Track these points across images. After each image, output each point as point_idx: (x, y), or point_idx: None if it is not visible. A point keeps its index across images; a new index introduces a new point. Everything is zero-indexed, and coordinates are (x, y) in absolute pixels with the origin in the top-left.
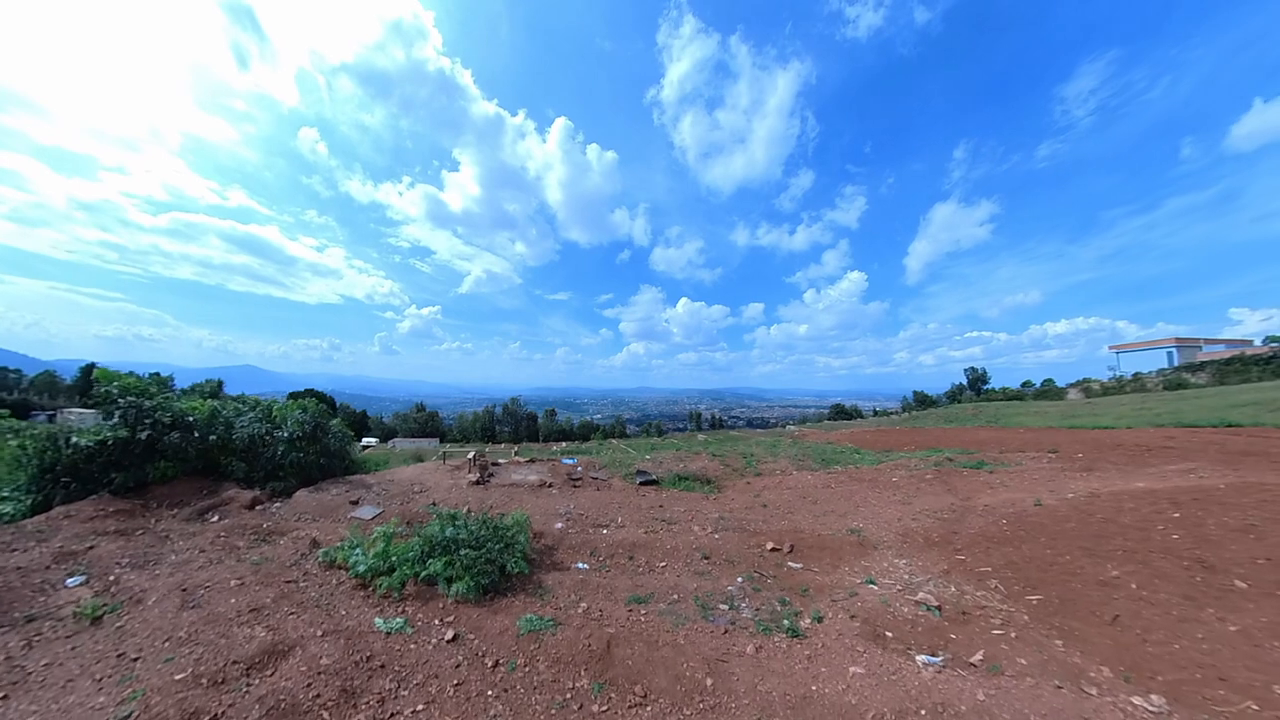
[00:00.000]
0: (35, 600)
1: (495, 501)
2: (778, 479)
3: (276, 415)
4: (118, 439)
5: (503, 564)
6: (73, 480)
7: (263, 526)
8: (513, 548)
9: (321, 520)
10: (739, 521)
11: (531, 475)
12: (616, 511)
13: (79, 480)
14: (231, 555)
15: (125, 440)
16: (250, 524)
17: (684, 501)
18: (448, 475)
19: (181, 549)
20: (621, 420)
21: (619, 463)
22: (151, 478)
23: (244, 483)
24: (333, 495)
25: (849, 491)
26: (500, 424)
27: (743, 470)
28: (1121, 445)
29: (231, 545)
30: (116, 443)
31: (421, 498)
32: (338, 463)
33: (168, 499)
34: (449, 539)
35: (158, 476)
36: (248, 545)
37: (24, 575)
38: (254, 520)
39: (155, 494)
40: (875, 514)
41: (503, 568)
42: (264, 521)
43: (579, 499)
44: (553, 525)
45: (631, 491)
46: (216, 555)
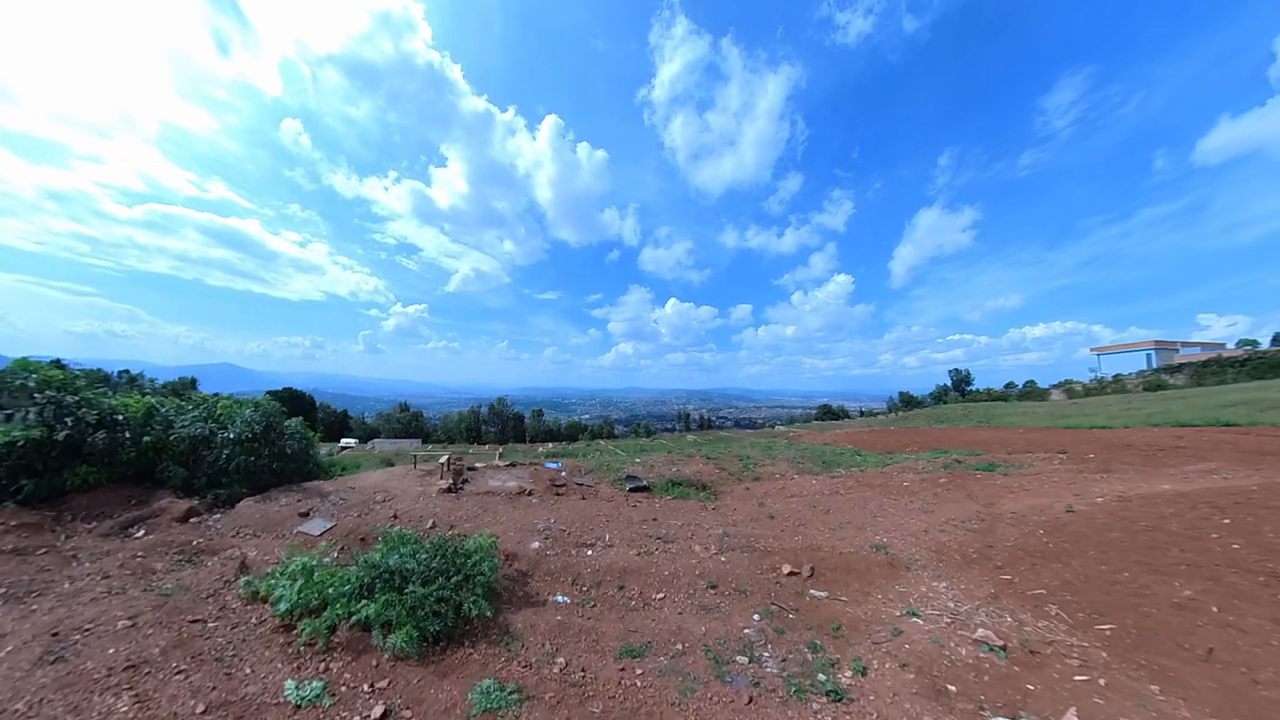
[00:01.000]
0: None
1: (466, 513)
2: (779, 484)
3: (221, 414)
4: (30, 440)
5: (459, 603)
6: None
7: (191, 544)
8: (473, 581)
9: (263, 535)
10: (746, 538)
11: (510, 481)
12: (604, 526)
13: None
14: (140, 583)
15: (40, 442)
16: (178, 540)
17: (680, 512)
18: (417, 481)
19: (81, 574)
20: (610, 421)
21: (607, 466)
22: (70, 485)
23: (182, 490)
24: (282, 505)
25: (862, 499)
26: (486, 424)
27: (740, 474)
28: (1132, 445)
29: (146, 569)
30: (29, 444)
31: (383, 508)
32: (294, 467)
33: (87, 510)
34: (394, 570)
35: (78, 484)
36: (166, 568)
37: None
38: (184, 535)
39: (73, 504)
40: (897, 525)
41: (459, 608)
42: (195, 537)
43: (561, 510)
44: (529, 544)
45: (621, 500)
46: (122, 583)
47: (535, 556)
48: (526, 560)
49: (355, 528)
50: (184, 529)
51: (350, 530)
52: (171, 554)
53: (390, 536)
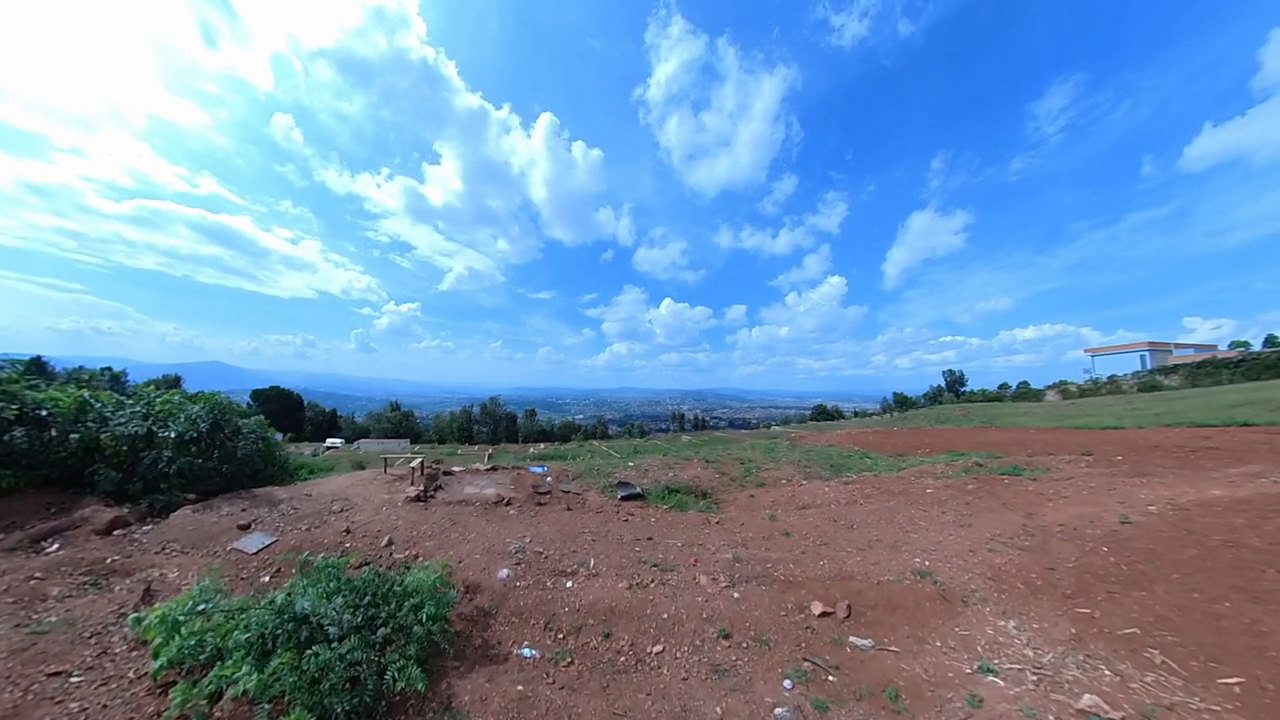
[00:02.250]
0: None
1: (431, 527)
2: (787, 491)
3: (161, 410)
4: None
5: (382, 668)
6: None
7: (105, 561)
8: (408, 634)
9: (192, 552)
10: (761, 563)
11: (489, 488)
12: (589, 546)
13: None
14: (19, 614)
15: None
16: (91, 558)
17: (679, 528)
18: (384, 488)
19: None
20: (603, 421)
21: (597, 470)
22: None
23: (114, 497)
24: (222, 515)
25: (887, 510)
26: (478, 424)
27: (742, 480)
28: (1159, 447)
29: (37, 594)
30: None
31: (337, 520)
32: (247, 470)
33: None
34: (302, 617)
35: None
36: (63, 593)
37: None
38: (100, 551)
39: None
40: (936, 543)
41: (382, 673)
42: (113, 553)
43: (542, 524)
44: (496, 572)
45: (611, 511)
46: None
47: (502, 589)
48: (491, 593)
49: (299, 545)
50: (104, 543)
51: (292, 548)
52: (77, 575)
53: (314, 568)
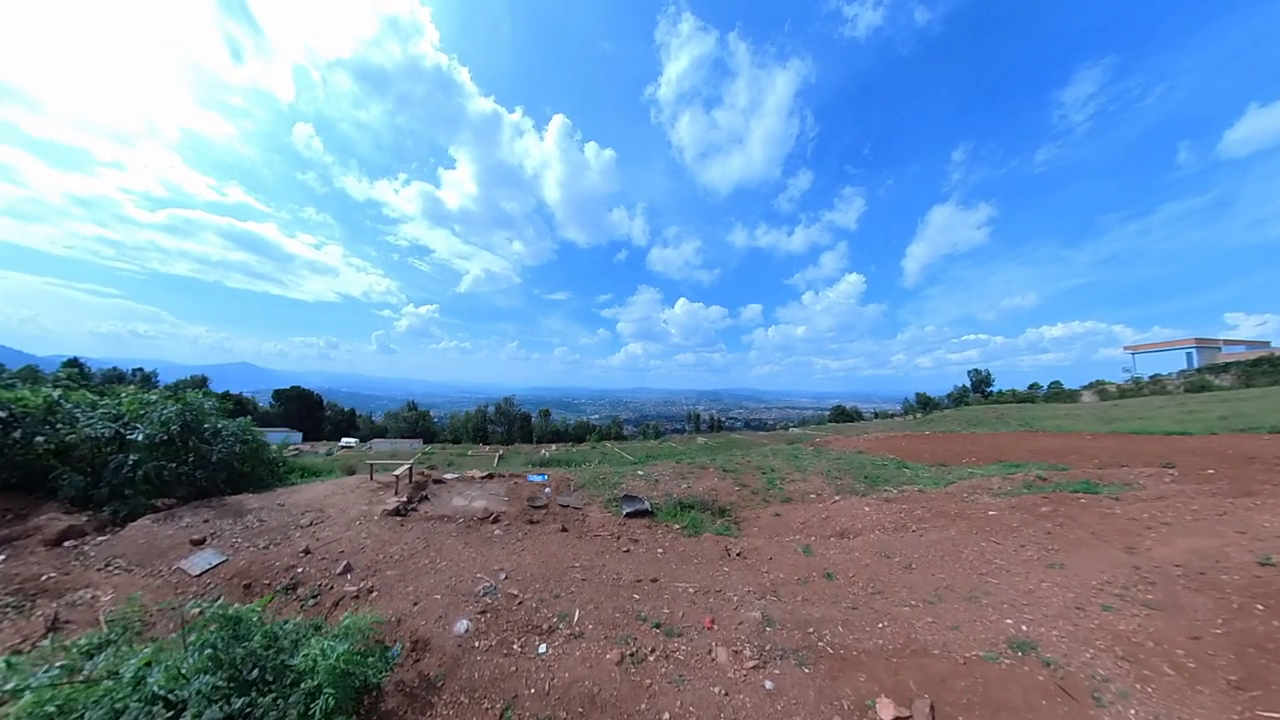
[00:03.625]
0: None
1: (400, 550)
2: (819, 510)
3: (128, 411)
4: None
5: None
6: None
7: (41, 578)
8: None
9: (136, 570)
10: (800, 626)
11: (479, 500)
12: (577, 589)
13: None
14: None
15: None
16: (29, 573)
17: (692, 563)
18: (364, 498)
19: None
20: (618, 421)
21: (602, 480)
22: None
23: (78, 503)
24: (182, 527)
25: (949, 542)
26: (493, 424)
27: (765, 493)
28: (1256, 458)
29: None
30: None
31: (300, 537)
32: (223, 476)
33: None
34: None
35: None
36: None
37: None
38: (41, 566)
39: None
40: (1025, 593)
41: None
42: (52, 569)
43: (527, 553)
44: (454, 623)
45: (611, 536)
46: None
47: (456, 650)
48: (442, 655)
49: (248, 567)
50: (48, 556)
51: (239, 571)
52: (6, 593)
53: (196, 624)
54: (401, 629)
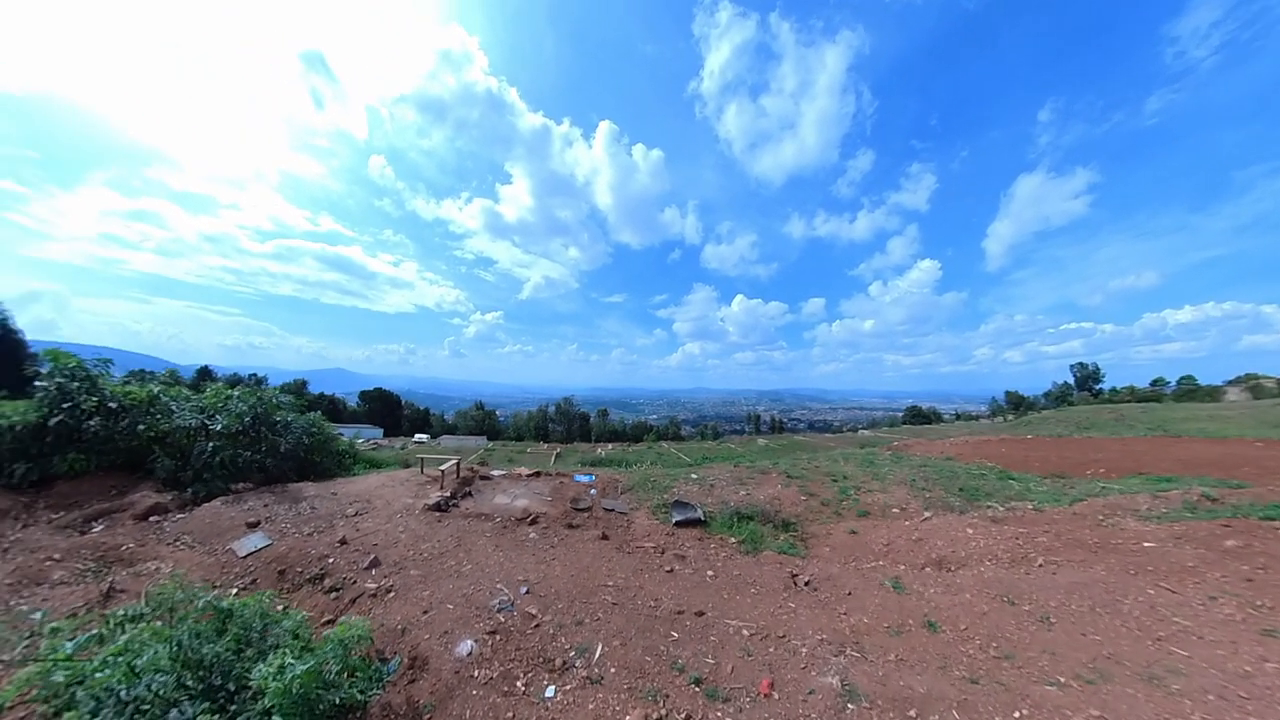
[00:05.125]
0: None
1: (433, 547)
2: (905, 529)
3: (210, 404)
4: (26, 425)
5: None
6: None
7: (120, 549)
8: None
9: (197, 547)
10: (898, 707)
11: (521, 499)
12: (605, 615)
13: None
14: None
15: (37, 426)
16: (114, 543)
17: (748, 591)
18: (411, 491)
19: None
20: (676, 421)
21: (652, 483)
22: (59, 471)
23: (169, 483)
24: (242, 510)
25: (1099, 586)
26: (553, 423)
27: (837, 505)
28: None
29: (39, 577)
30: (25, 429)
31: (343, 526)
32: (290, 464)
33: (65, 498)
34: (103, 696)
35: (65, 469)
36: (62, 578)
37: None
38: (124, 538)
39: (57, 491)
40: (1236, 675)
41: None
42: (133, 540)
43: (557, 563)
44: (458, 642)
45: (652, 552)
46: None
47: (452, 678)
48: (436, 680)
49: (287, 553)
50: (135, 528)
51: (278, 556)
52: (89, 560)
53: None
54: (404, 641)
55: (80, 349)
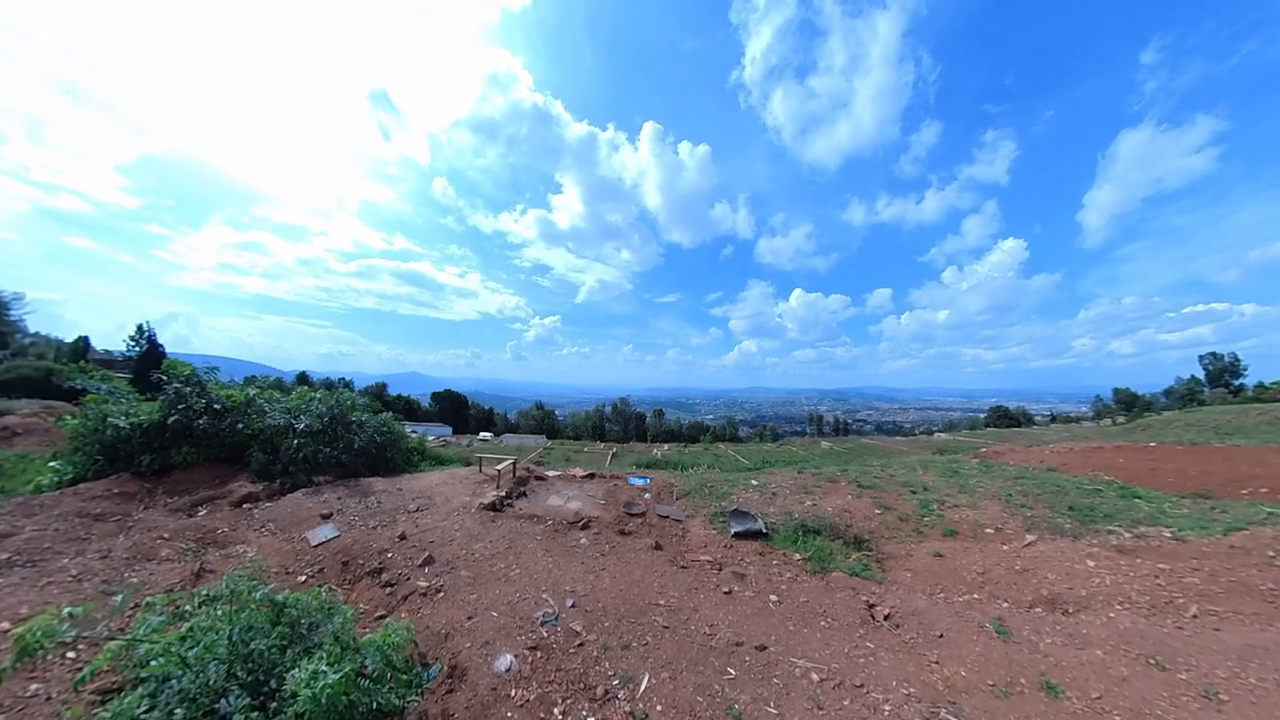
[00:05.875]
0: None
1: (484, 547)
2: (1005, 554)
3: (294, 405)
4: (151, 422)
5: None
6: (110, 458)
7: (217, 532)
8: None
9: (279, 534)
10: None
11: (574, 501)
12: (654, 641)
13: (117, 458)
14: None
15: (158, 424)
16: (213, 525)
17: (817, 623)
18: (469, 489)
19: (94, 551)
20: (733, 422)
21: (710, 488)
22: (175, 462)
23: (260, 475)
24: (319, 501)
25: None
26: (610, 423)
27: (918, 521)
28: None
29: (148, 553)
30: (150, 426)
31: (404, 521)
32: (363, 461)
33: (180, 485)
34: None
35: (180, 461)
36: (169, 555)
37: None
38: (223, 522)
39: (172, 478)
40: None
41: None
42: (228, 525)
43: (605, 574)
44: (496, 657)
45: (708, 568)
46: (96, 568)
47: (488, 695)
48: (471, 696)
49: (351, 545)
50: (230, 514)
51: (344, 548)
52: (190, 540)
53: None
54: (446, 647)
55: (204, 359)
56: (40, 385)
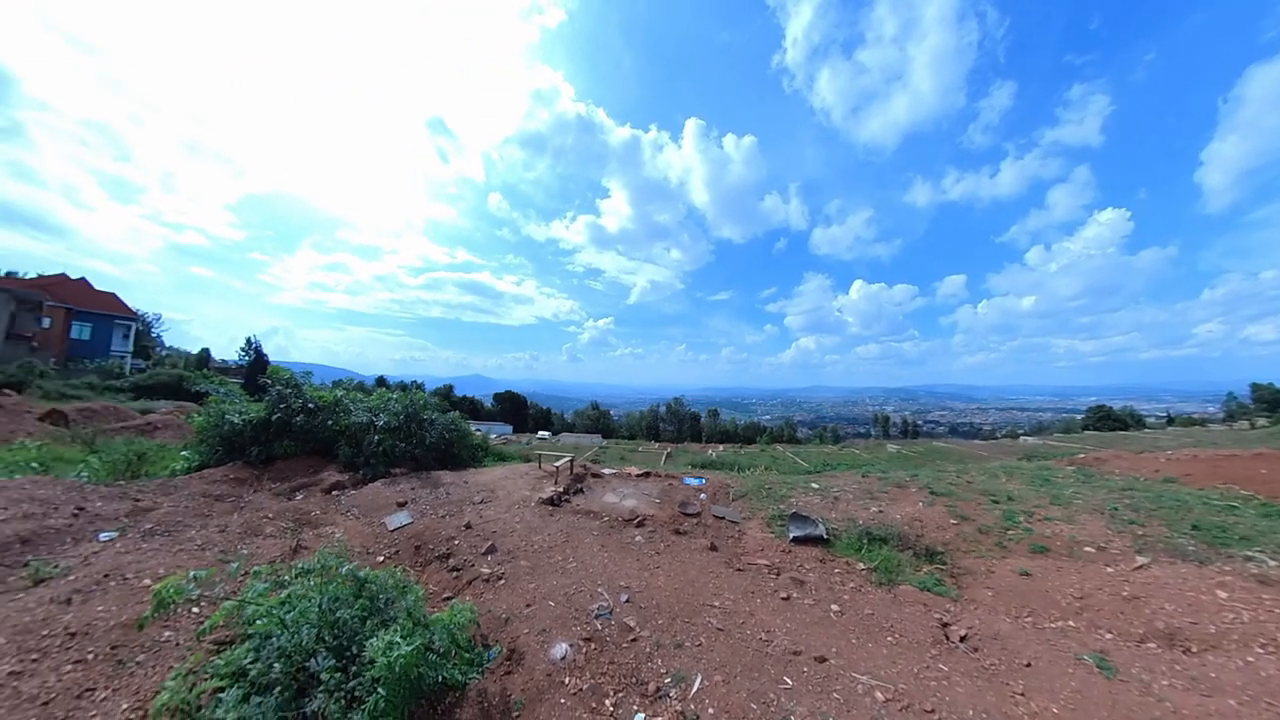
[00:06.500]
0: (58, 546)
1: (543, 540)
2: (1109, 579)
3: (374, 405)
4: (258, 419)
5: None
6: (227, 449)
7: (310, 514)
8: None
9: (361, 518)
10: None
11: (629, 499)
12: (708, 642)
13: (232, 449)
14: (231, 544)
15: (264, 421)
16: (307, 508)
17: (884, 638)
18: (529, 484)
19: (214, 525)
20: (791, 423)
21: (767, 491)
22: (278, 453)
23: (346, 466)
24: (396, 491)
25: None
26: (664, 423)
27: (1001, 534)
28: None
29: (255, 530)
30: (257, 422)
31: (470, 512)
32: (433, 455)
33: (281, 473)
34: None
35: (282, 452)
36: (271, 533)
37: (89, 521)
38: (316, 505)
39: (276, 467)
40: None
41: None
42: (319, 508)
43: (659, 571)
44: (552, 644)
45: (765, 572)
46: (213, 541)
47: (543, 680)
48: (528, 679)
49: (423, 531)
50: (322, 499)
51: (416, 534)
52: (289, 520)
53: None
54: (506, 631)
55: (300, 365)
56: (174, 389)
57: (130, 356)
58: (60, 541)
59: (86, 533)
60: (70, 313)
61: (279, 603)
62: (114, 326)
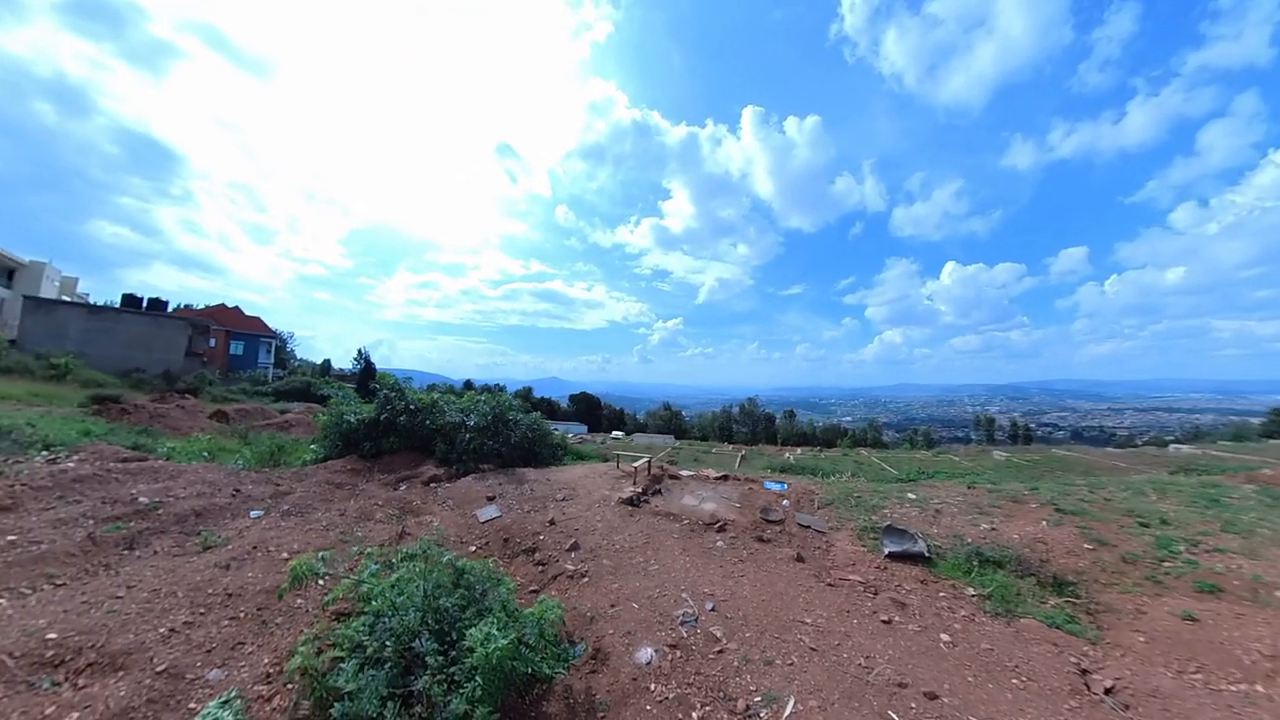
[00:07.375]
0: (221, 520)
1: (624, 540)
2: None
3: (465, 406)
4: (370, 418)
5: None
6: (345, 443)
7: (412, 503)
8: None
9: (455, 510)
10: None
11: (708, 503)
12: (800, 662)
13: (349, 444)
14: (350, 527)
15: (374, 420)
16: (409, 498)
17: (1007, 680)
18: (608, 484)
19: (335, 509)
20: (875, 425)
21: (856, 499)
22: (385, 448)
23: (442, 462)
24: (486, 485)
25: None
26: (737, 424)
27: (1153, 566)
28: None
29: (368, 514)
30: (370, 421)
31: (553, 509)
32: (518, 453)
33: (388, 465)
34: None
35: (388, 448)
36: (380, 519)
37: (243, 500)
38: (417, 496)
39: (384, 460)
40: None
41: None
42: (420, 498)
43: (744, 580)
44: (638, 647)
45: (861, 590)
46: (334, 522)
47: (628, 683)
48: (613, 681)
49: (510, 524)
50: (422, 490)
51: (504, 527)
52: (396, 508)
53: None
54: (591, 630)
55: (402, 372)
56: (304, 392)
57: (272, 367)
58: (223, 516)
59: (241, 510)
60: (229, 334)
61: (390, 585)
62: (260, 344)
